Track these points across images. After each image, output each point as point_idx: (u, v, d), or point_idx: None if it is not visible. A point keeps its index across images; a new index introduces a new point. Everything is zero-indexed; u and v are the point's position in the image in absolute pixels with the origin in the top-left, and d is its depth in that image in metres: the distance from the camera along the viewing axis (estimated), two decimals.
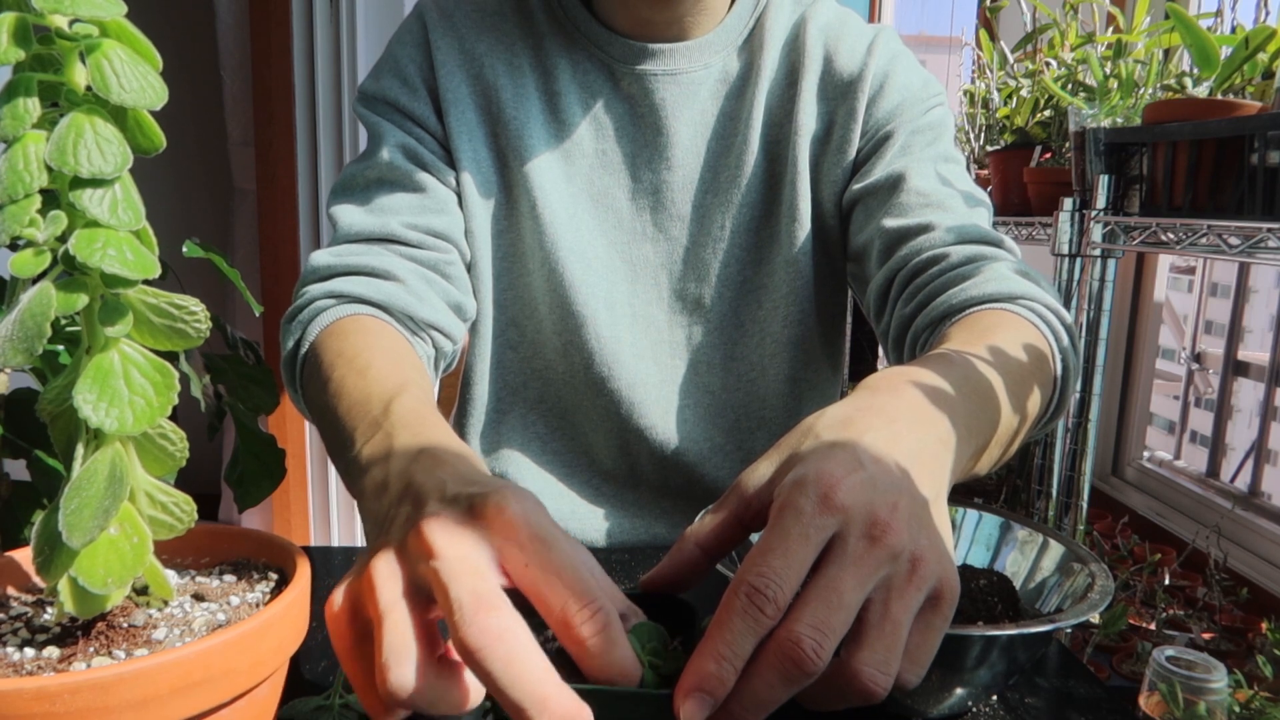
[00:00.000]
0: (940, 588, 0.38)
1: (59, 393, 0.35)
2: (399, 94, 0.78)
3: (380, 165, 0.76)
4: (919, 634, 0.37)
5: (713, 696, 0.35)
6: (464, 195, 0.79)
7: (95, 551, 0.34)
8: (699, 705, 0.34)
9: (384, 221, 0.73)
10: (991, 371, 0.52)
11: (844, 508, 0.37)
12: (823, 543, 0.37)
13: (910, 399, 0.45)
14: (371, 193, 0.76)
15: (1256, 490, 1.66)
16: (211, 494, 2.32)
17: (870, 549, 0.36)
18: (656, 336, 0.83)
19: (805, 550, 0.36)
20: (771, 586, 0.35)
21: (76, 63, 0.33)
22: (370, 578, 0.37)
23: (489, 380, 0.84)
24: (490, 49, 0.80)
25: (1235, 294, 1.78)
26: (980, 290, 0.65)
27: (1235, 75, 1.02)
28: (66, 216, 0.33)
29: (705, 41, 0.80)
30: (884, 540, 0.37)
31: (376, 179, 0.77)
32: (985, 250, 0.69)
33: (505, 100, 0.79)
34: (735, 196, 0.79)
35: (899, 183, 0.74)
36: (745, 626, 0.35)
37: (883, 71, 0.78)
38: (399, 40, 0.81)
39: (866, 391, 0.45)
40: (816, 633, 0.34)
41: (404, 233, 0.73)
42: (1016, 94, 1.56)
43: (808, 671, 0.34)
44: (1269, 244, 0.91)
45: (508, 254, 0.82)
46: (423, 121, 0.78)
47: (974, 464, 0.50)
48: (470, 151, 0.79)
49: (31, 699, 0.30)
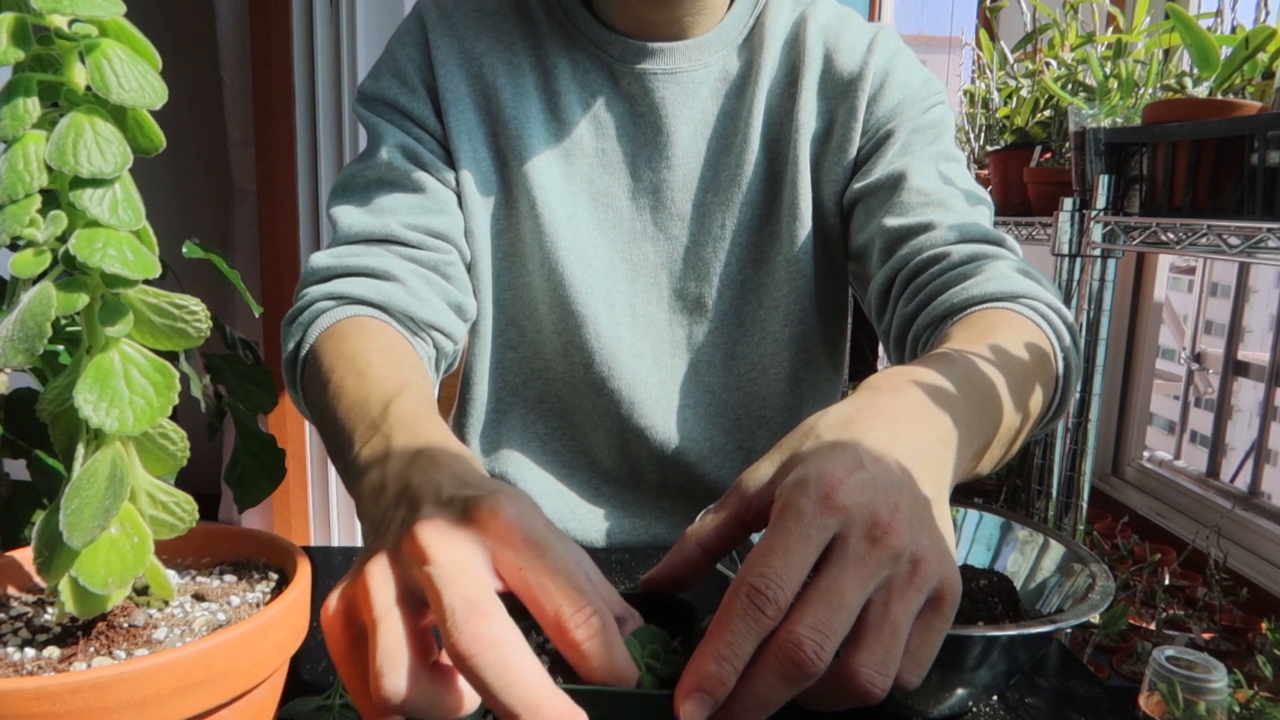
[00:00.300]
0: (941, 589, 0.38)
1: (59, 393, 0.35)
2: (398, 94, 0.78)
3: (379, 166, 0.76)
4: (919, 635, 0.37)
5: (713, 697, 0.35)
6: (464, 195, 0.79)
7: (96, 551, 0.34)
8: (699, 705, 0.34)
9: (384, 222, 0.73)
10: (993, 371, 0.52)
11: (845, 508, 0.37)
12: (824, 543, 0.37)
13: (912, 399, 0.45)
14: (371, 193, 0.76)
15: (1256, 490, 1.66)
16: (211, 494, 2.32)
17: (871, 550, 0.36)
18: (657, 336, 0.83)
19: (806, 551, 0.36)
20: (772, 587, 0.35)
21: (76, 63, 0.33)
22: (364, 583, 0.36)
23: (489, 380, 0.84)
24: (490, 48, 0.80)
25: (1235, 294, 1.78)
26: (982, 289, 0.64)
27: (1235, 75, 1.02)
28: (67, 216, 0.33)
29: (705, 40, 0.80)
30: (885, 541, 0.37)
31: (376, 179, 0.77)
32: (987, 249, 0.69)
33: (505, 100, 0.79)
34: (736, 195, 0.79)
35: (900, 182, 0.74)
36: (746, 627, 0.35)
37: (883, 70, 0.78)
38: (398, 40, 0.81)
39: (868, 392, 0.45)
40: (817, 634, 0.34)
41: (403, 233, 0.73)
42: (1016, 94, 1.56)
43: (808, 673, 0.34)
44: (1269, 244, 0.91)
45: (507, 254, 0.82)
46: (422, 121, 0.78)
47: (976, 464, 0.50)
48: (470, 151, 0.79)
49: (31, 699, 0.30)
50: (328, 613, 0.38)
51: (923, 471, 0.41)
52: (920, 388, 0.46)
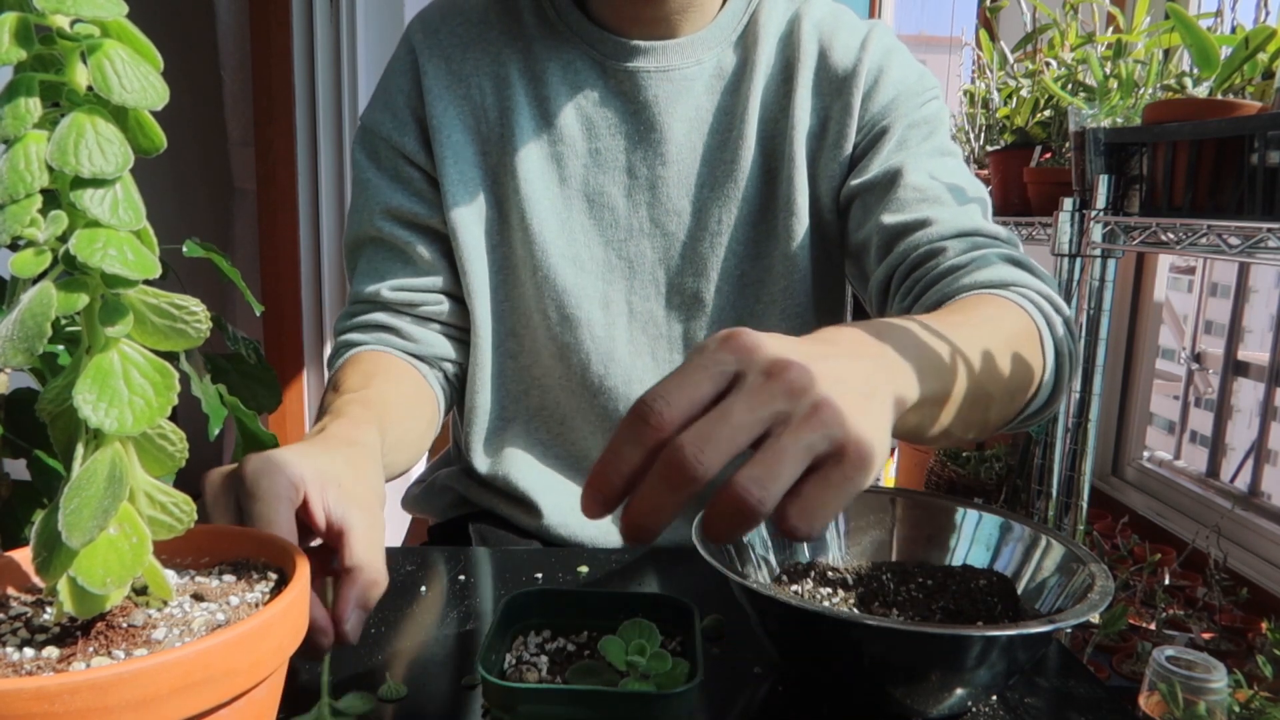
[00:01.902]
0: (843, 442, 0.37)
1: (59, 393, 0.35)
2: (390, 130, 0.82)
3: (370, 229, 0.83)
4: (815, 485, 0.37)
5: (601, 494, 0.38)
6: (454, 220, 0.80)
7: (95, 551, 0.34)
8: (590, 501, 0.39)
9: (377, 289, 0.83)
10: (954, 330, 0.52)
11: (747, 349, 0.39)
12: (720, 376, 0.38)
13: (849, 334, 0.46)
14: (367, 255, 0.85)
15: (1256, 490, 1.66)
16: None
17: (767, 383, 0.37)
18: (655, 332, 0.83)
19: (699, 377, 0.38)
20: (658, 401, 0.37)
21: (78, 63, 0.33)
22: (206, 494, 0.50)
23: (490, 390, 0.85)
24: (476, 66, 0.81)
25: (1235, 294, 1.78)
26: (973, 279, 0.65)
27: (1235, 75, 1.02)
28: (67, 216, 0.33)
29: (698, 38, 0.80)
30: (783, 376, 0.37)
31: (369, 240, 0.84)
32: (983, 242, 0.70)
33: (493, 119, 0.81)
34: (732, 191, 0.80)
35: (896, 178, 0.74)
36: (629, 434, 0.38)
37: (877, 66, 0.78)
38: (391, 69, 0.84)
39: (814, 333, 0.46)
40: (698, 439, 0.36)
41: (392, 296, 0.83)
42: (1016, 94, 1.56)
43: (690, 476, 0.36)
44: (1269, 244, 0.91)
45: (501, 266, 0.83)
46: (411, 157, 0.82)
47: (937, 412, 0.50)
48: (458, 175, 0.81)
49: (31, 699, 0.30)
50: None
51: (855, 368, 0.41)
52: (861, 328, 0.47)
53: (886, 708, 0.50)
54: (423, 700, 0.51)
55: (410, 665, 0.54)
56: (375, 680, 0.52)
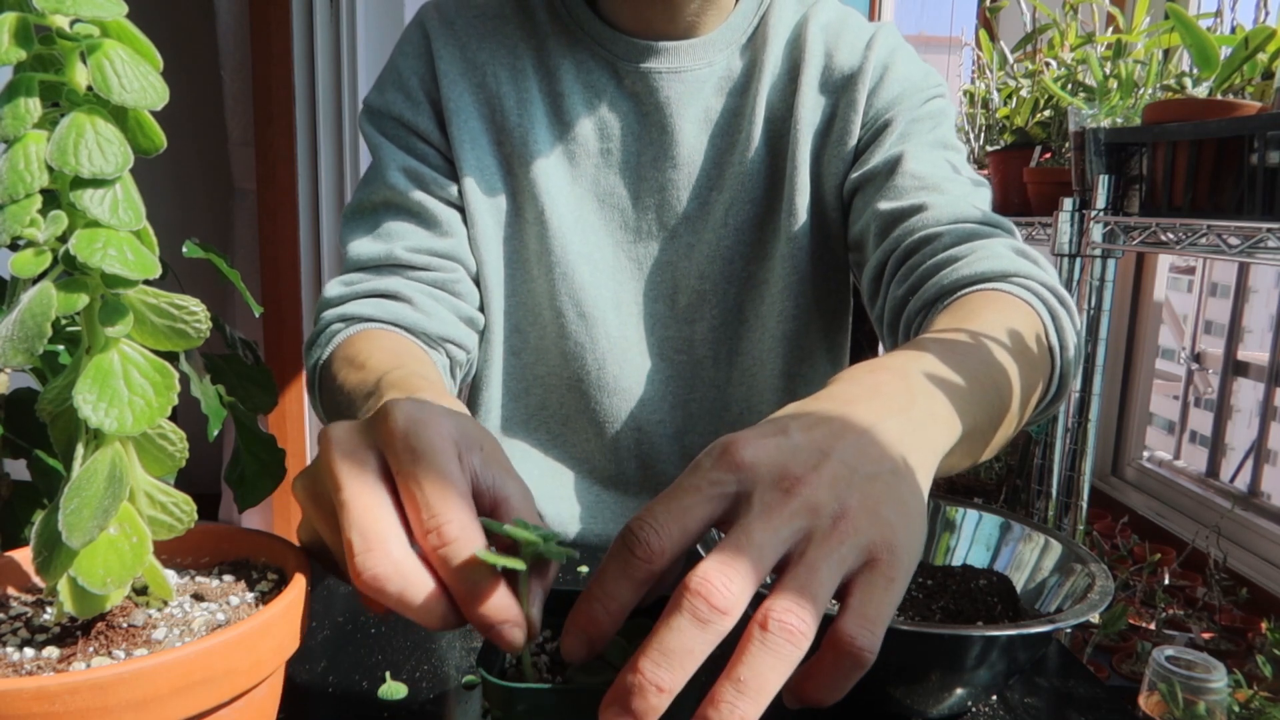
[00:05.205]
0: (875, 549, 0.35)
1: (59, 393, 0.35)
2: (403, 108, 0.79)
3: (383, 190, 0.78)
4: (860, 590, 0.34)
5: (586, 635, 0.35)
6: (469, 205, 0.79)
7: (95, 551, 0.34)
8: (575, 642, 0.35)
9: (389, 248, 0.76)
10: (972, 354, 0.51)
11: (747, 464, 0.35)
12: (718, 497, 0.35)
13: (869, 383, 0.43)
14: (377, 219, 0.79)
15: (1256, 490, 1.66)
16: (211, 494, 2.32)
17: (783, 500, 0.34)
18: (664, 333, 0.83)
19: (693, 500, 0.35)
20: (646, 529, 0.34)
21: (77, 63, 0.33)
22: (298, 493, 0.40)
23: (498, 385, 0.85)
24: (492, 55, 0.80)
25: (1235, 294, 1.78)
26: (972, 269, 0.64)
27: (1235, 75, 1.02)
28: (67, 216, 0.33)
29: (710, 39, 0.80)
30: (798, 491, 0.34)
31: (382, 203, 0.79)
32: (981, 230, 0.68)
33: (509, 107, 0.80)
34: (739, 192, 0.80)
35: (895, 166, 0.74)
36: (616, 569, 0.34)
37: (883, 64, 0.78)
38: (401, 51, 0.81)
39: (829, 385, 0.44)
40: (722, 569, 0.32)
41: (409, 257, 0.76)
42: (1016, 94, 1.56)
43: (715, 605, 0.32)
44: (1269, 244, 0.91)
45: (512, 259, 0.82)
46: (426, 135, 0.79)
47: (972, 447, 0.48)
48: (474, 161, 0.79)
49: (31, 699, 0.30)
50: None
51: (870, 444, 0.38)
52: (883, 373, 0.44)
53: (886, 708, 0.50)
54: (423, 700, 0.51)
55: (410, 665, 0.54)
56: (375, 680, 0.52)
